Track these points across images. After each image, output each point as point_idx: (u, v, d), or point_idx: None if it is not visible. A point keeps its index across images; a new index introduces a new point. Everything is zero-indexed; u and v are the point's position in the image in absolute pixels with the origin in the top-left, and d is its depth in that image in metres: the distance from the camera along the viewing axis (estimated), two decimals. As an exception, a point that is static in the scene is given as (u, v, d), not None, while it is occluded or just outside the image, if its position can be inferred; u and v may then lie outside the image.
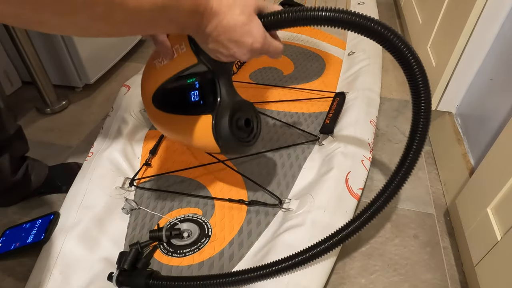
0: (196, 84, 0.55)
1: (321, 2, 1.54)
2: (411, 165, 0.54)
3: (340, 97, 0.92)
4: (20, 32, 1.00)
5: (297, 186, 0.74)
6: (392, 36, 0.46)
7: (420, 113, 0.50)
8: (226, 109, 0.55)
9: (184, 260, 0.62)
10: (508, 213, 0.55)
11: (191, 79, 0.55)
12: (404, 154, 0.54)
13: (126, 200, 0.71)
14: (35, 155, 0.84)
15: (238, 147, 0.59)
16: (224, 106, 0.55)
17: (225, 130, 0.55)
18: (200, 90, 0.55)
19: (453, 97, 0.88)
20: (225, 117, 0.55)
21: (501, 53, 0.74)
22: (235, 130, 0.57)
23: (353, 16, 0.45)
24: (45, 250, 0.63)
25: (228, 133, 0.56)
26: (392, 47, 0.48)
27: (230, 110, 0.56)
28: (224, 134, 0.55)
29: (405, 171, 0.55)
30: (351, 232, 0.56)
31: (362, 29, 0.47)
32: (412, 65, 0.50)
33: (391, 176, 0.56)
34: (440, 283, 0.67)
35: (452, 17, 0.90)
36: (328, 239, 0.55)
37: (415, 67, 0.50)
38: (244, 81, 1.06)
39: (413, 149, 0.53)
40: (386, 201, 0.56)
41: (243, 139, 0.59)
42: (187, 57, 0.53)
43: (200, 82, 0.55)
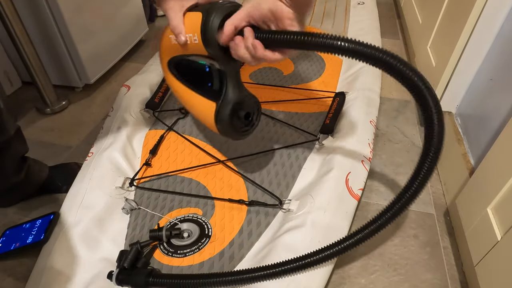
0: (206, 68, 0.61)
1: (321, 2, 1.54)
2: (423, 181, 0.51)
3: (340, 97, 0.92)
4: (20, 32, 1.00)
5: (297, 186, 0.74)
6: (400, 64, 0.46)
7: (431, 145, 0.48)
8: (228, 103, 0.61)
9: (184, 261, 0.63)
10: (508, 213, 0.55)
11: (203, 61, 0.61)
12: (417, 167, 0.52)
13: (126, 200, 0.71)
14: (35, 155, 0.84)
15: (235, 134, 0.65)
16: (228, 100, 0.61)
17: (225, 121, 0.61)
18: (209, 74, 0.62)
19: (453, 97, 0.88)
20: (227, 110, 0.61)
21: (501, 53, 0.74)
22: (235, 120, 0.63)
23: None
24: (45, 250, 0.63)
25: (227, 124, 0.61)
26: (400, 75, 0.47)
27: (233, 104, 0.61)
28: (224, 124, 0.62)
29: (415, 188, 0.52)
30: (355, 243, 0.55)
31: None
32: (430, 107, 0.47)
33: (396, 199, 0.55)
34: (440, 283, 0.67)
35: (452, 17, 0.90)
36: (331, 247, 0.55)
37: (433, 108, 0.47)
38: (244, 81, 1.05)
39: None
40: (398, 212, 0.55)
41: (240, 129, 0.65)
42: (199, 47, 0.57)
43: (210, 67, 0.61)
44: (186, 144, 0.86)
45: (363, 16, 1.36)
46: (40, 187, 0.82)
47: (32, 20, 1.05)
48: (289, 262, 0.54)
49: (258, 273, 0.54)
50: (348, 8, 1.46)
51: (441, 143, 0.48)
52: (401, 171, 0.89)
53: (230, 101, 0.61)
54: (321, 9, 1.48)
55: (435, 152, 0.48)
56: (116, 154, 0.79)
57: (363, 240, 0.55)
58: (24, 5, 1.03)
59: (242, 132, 0.66)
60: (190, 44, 0.57)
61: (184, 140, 0.86)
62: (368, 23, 1.31)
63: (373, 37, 1.22)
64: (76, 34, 1.09)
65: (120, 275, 0.57)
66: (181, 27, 0.56)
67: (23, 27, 1.00)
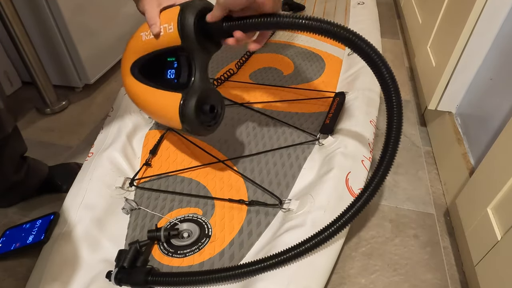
0: (175, 63, 0.61)
1: (321, 2, 1.54)
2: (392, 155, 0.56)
3: (340, 97, 0.92)
4: (20, 32, 1.00)
5: (297, 186, 0.74)
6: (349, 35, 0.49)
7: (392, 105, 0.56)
8: (195, 92, 0.60)
9: (184, 261, 0.63)
10: (508, 213, 0.55)
11: (172, 58, 0.61)
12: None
13: (126, 200, 0.71)
14: (35, 155, 0.84)
15: (199, 129, 0.64)
16: (195, 90, 0.61)
17: (191, 111, 0.60)
18: (177, 70, 0.61)
19: (453, 97, 0.88)
20: (193, 99, 0.60)
21: (501, 52, 0.74)
22: (200, 113, 0.62)
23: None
24: (45, 251, 0.63)
25: (193, 114, 0.60)
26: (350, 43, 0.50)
27: (199, 94, 0.61)
28: (189, 115, 0.60)
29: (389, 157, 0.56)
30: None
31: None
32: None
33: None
34: (440, 283, 0.67)
35: (452, 16, 0.90)
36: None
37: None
38: (244, 81, 1.06)
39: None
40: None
41: (205, 123, 0.64)
42: (173, 38, 0.58)
43: (179, 62, 0.61)
44: (186, 144, 0.86)
45: (363, 16, 1.36)
46: (40, 187, 0.82)
47: (32, 20, 1.05)
48: (279, 254, 0.55)
49: (254, 267, 0.54)
50: (348, 8, 1.46)
51: (397, 91, 0.55)
52: (401, 171, 0.89)
53: (196, 91, 0.60)
54: (321, 9, 1.48)
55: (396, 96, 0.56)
56: (116, 154, 0.79)
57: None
58: (24, 5, 1.03)
59: (207, 127, 0.65)
60: (163, 35, 0.59)
61: (184, 140, 0.86)
62: (368, 23, 1.31)
63: (373, 37, 1.22)
64: (76, 34, 1.09)
65: (119, 274, 0.57)
66: (156, 18, 0.59)
67: (23, 27, 1.00)
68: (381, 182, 0.57)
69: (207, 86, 0.63)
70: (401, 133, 0.56)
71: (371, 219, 0.78)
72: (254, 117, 0.93)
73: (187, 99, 0.60)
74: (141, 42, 0.63)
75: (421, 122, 1.05)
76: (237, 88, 1.04)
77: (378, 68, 0.51)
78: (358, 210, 0.57)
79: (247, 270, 0.54)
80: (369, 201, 0.57)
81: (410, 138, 0.99)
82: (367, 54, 0.50)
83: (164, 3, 0.60)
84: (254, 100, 0.98)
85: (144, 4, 0.61)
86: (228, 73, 1.07)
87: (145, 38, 0.62)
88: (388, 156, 0.56)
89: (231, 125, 0.91)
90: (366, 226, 0.76)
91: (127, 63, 0.67)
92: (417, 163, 0.92)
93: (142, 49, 0.64)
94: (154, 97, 0.64)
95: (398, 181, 0.87)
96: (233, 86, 1.04)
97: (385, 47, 1.39)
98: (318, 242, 0.55)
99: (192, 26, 0.57)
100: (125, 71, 0.68)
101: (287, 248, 0.56)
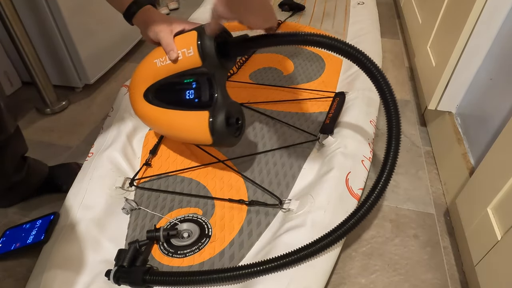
0: (193, 84, 0.64)
1: (321, 2, 1.54)
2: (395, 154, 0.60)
3: (340, 97, 0.92)
4: (20, 32, 1.00)
5: (297, 186, 0.74)
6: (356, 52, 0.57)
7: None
8: (221, 108, 0.64)
9: (184, 261, 0.63)
10: (508, 213, 0.55)
11: (189, 79, 0.64)
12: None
13: (126, 200, 0.71)
14: (35, 155, 0.84)
15: (229, 140, 0.68)
16: (220, 105, 0.64)
17: (221, 126, 0.63)
18: (196, 90, 0.64)
19: (453, 96, 0.88)
20: (221, 115, 0.63)
21: (501, 53, 0.74)
22: (228, 127, 0.65)
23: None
24: (45, 251, 0.63)
25: (223, 128, 0.63)
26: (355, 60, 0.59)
27: (226, 110, 0.64)
28: (220, 129, 0.63)
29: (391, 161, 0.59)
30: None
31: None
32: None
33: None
34: (440, 282, 0.67)
35: (452, 16, 0.90)
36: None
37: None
38: (244, 81, 1.06)
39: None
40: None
41: (233, 134, 0.68)
42: (193, 60, 0.62)
43: (198, 82, 0.64)
44: (186, 144, 0.86)
45: (363, 16, 1.36)
46: (40, 187, 0.82)
47: (32, 20, 1.05)
48: (277, 258, 0.55)
49: (252, 269, 0.54)
50: (348, 8, 1.46)
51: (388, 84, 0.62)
52: (401, 171, 0.89)
53: (222, 106, 0.64)
54: (321, 9, 1.48)
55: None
56: (116, 154, 0.79)
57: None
58: (24, 5, 1.03)
59: (235, 138, 0.68)
60: (182, 59, 0.63)
61: (184, 140, 0.87)
62: (368, 23, 1.31)
63: (373, 37, 1.22)
64: (76, 34, 1.09)
65: (118, 273, 0.57)
66: (173, 44, 0.63)
67: (23, 27, 1.00)
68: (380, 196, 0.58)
69: (230, 101, 0.67)
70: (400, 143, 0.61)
71: (371, 219, 0.78)
72: (254, 117, 0.93)
73: (215, 115, 0.63)
74: (155, 68, 0.66)
75: (421, 122, 1.05)
76: (237, 88, 1.04)
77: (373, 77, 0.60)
78: (363, 215, 0.57)
79: (244, 272, 0.54)
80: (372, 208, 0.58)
81: (410, 138, 0.99)
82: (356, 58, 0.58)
83: (175, 30, 0.64)
84: (254, 100, 0.98)
85: (158, 32, 0.64)
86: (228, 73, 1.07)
87: (160, 64, 0.65)
88: (389, 165, 0.59)
89: (231, 125, 0.91)
90: (366, 226, 0.76)
91: (139, 90, 0.70)
92: (417, 163, 0.92)
93: (157, 74, 0.66)
94: (178, 119, 0.67)
95: (398, 181, 0.87)
96: (233, 86, 1.04)
97: (385, 47, 1.39)
98: (320, 248, 0.56)
99: (212, 47, 0.61)
100: (137, 98, 0.70)
101: (284, 254, 0.56)
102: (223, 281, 0.55)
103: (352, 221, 0.56)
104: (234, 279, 0.55)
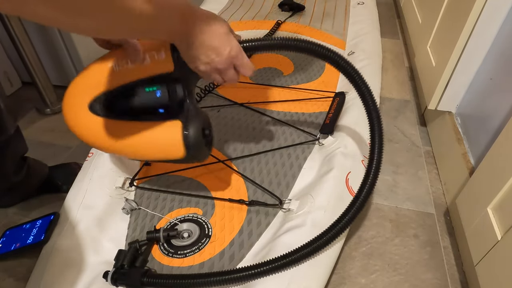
0: (161, 91, 0.55)
1: (321, 2, 1.54)
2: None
3: (340, 97, 0.92)
4: (20, 32, 1.00)
5: (297, 186, 0.74)
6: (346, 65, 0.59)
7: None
8: (195, 117, 0.56)
9: (184, 261, 0.63)
10: (508, 213, 0.55)
11: (156, 86, 0.55)
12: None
13: (126, 200, 0.71)
14: (35, 155, 0.84)
15: (204, 153, 0.60)
16: (193, 115, 0.56)
17: (197, 136, 0.56)
18: (164, 98, 0.55)
19: (453, 96, 0.88)
20: (196, 125, 0.56)
21: (501, 52, 0.74)
22: (203, 138, 0.58)
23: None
24: (45, 251, 0.63)
25: (200, 140, 0.56)
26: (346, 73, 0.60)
27: (200, 119, 0.57)
28: (195, 140, 0.56)
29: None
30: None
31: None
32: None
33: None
34: (440, 282, 0.67)
35: (451, 16, 0.90)
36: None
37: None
38: (244, 81, 1.06)
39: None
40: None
41: (206, 145, 0.60)
42: (164, 64, 0.54)
43: (167, 89, 0.55)
44: (186, 144, 0.86)
45: (363, 16, 1.36)
46: (40, 187, 0.82)
47: (32, 20, 1.05)
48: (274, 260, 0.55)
49: (250, 272, 0.54)
50: (348, 8, 1.46)
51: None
52: (401, 171, 0.89)
53: (195, 116, 0.56)
54: (321, 9, 1.48)
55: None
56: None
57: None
58: (24, 5, 1.02)
59: (207, 150, 0.61)
60: (151, 63, 0.54)
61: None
62: (368, 23, 1.31)
63: (373, 37, 1.22)
64: (76, 34, 1.09)
65: (115, 274, 0.57)
66: (139, 45, 0.54)
67: (23, 27, 1.00)
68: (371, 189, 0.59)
69: (200, 110, 0.59)
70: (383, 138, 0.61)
71: (371, 219, 0.78)
72: (254, 117, 0.93)
73: (189, 125, 0.55)
74: (111, 73, 0.55)
75: (421, 122, 1.05)
76: (237, 88, 1.04)
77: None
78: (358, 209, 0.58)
79: (241, 275, 0.54)
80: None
81: (410, 138, 0.99)
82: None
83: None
84: (254, 100, 0.98)
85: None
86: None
87: (118, 68, 0.54)
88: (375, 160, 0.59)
89: (231, 125, 0.91)
90: (366, 226, 0.76)
91: (81, 100, 0.56)
92: (417, 163, 0.92)
93: (113, 81, 0.55)
94: (140, 131, 0.56)
95: (398, 181, 0.87)
96: (233, 86, 1.04)
97: (385, 47, 1.39)
98: (318, 247, 0.56)
99: None
100: (78, 109, 0.56)
101: (281, 255, 0.56)
102: (221, 284, 0.55)
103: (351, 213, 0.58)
104: (232, 282, 0.55)
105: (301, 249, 0.56)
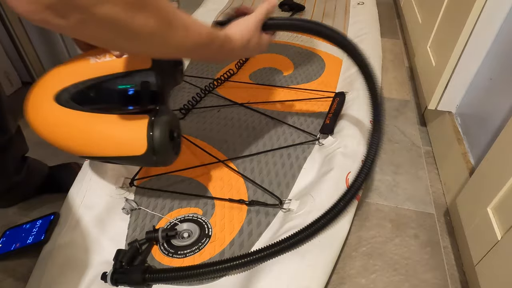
0: (130, 90, 0.53)
1: (321, 2, 1.54)
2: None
3: (340, 97, 0.92)
4: (20, 32, 1.00)
5: (297, 186, 0.74)
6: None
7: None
8: (165, 117, 0.54)
9: (185, 261, 0.62)
10: (508, 213, 0.55)
11: (130, 83, 0.53)
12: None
13: (126, 200, 0.71)
14: (35, 155, 0.84)
15: (171, 157, 0.58)
16: (163, 114, 0.54)
17: (163, 136, 0.53)
18: (136, 94, 0.53)
19: (453, 96, 0.88)
20: (164, 123, 0.54)
21: (501, 52, 0.74)
22: (171, 141, 0.56)
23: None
24: (45, 251, 0.63)
25: (165, 140, 0.54)
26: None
27: (168, 119, 0.55)
28: (161, 140, 0.53)
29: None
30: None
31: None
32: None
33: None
34: (440, 282, 0.67)
35: (451, 16, 0.90)
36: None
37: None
38: (244, 81, 1.06)
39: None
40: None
41: (173, 149, 0.58)
42: (142, 61, 0.53)
43: (139, 86, 0.53)
44: (186, 144, 0.86)
45: (363, 16, 1.36)
46: (40, 187, 0.82)
47: (32, 20, 1.05)
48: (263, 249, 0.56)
49: (249, 258, 0.55)
50: (348, 8, 1.46)
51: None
52: (401, 171, 0.89)
53: (166, 114, 0.55)
54: (320, 9, 1.48)
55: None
56: (116, 154, 0.79)
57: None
58: (24, 5, 1.02)
59: (174, 154, 0.58)
60: (128, 58, 0.53)
61: (184, 140, 0.86)
62: (368, 23, 1.31)
63: (373, 37, 1.22)
64: (76, 34, 1.09)
65: (115, 274, 0.57)
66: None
67: (23, 27, 1.00)
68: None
69: (172, 112, 0.58)
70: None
71: (371, 219, 0.78)
72: (254, 117, 0.93)
73: (157, 123, 0.53)
74: (86, 65, 0.54)
75: (421, 122, 1.05)
76: (237, 88, 1.04)
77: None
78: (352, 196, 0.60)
79: (243, 261, 0.55)
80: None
81: (410, 138, 0.99)
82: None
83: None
84: (254, 100, 0.98)
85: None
86: (228, 73, 1.07)
87: (95, 61, 0.53)
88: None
89: (231, 125, 0.91)
90: (366, 226, 0.76)
91: (48, 90, 0.54)
92: (417, 163, 0.92)
93: (86, 72, 0.53)
94: (103, 125, 0.54)
95: (398, 181, 0.87)
96: (233, 86, 1.04)
97: (385, 47, 1.39)
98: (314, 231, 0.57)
99: None
100: (43, 99, 0.54)
101: (278, 241, 0.56)
102: (223, 271, 0.55)
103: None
104: (233, 268, 0.55)
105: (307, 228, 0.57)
